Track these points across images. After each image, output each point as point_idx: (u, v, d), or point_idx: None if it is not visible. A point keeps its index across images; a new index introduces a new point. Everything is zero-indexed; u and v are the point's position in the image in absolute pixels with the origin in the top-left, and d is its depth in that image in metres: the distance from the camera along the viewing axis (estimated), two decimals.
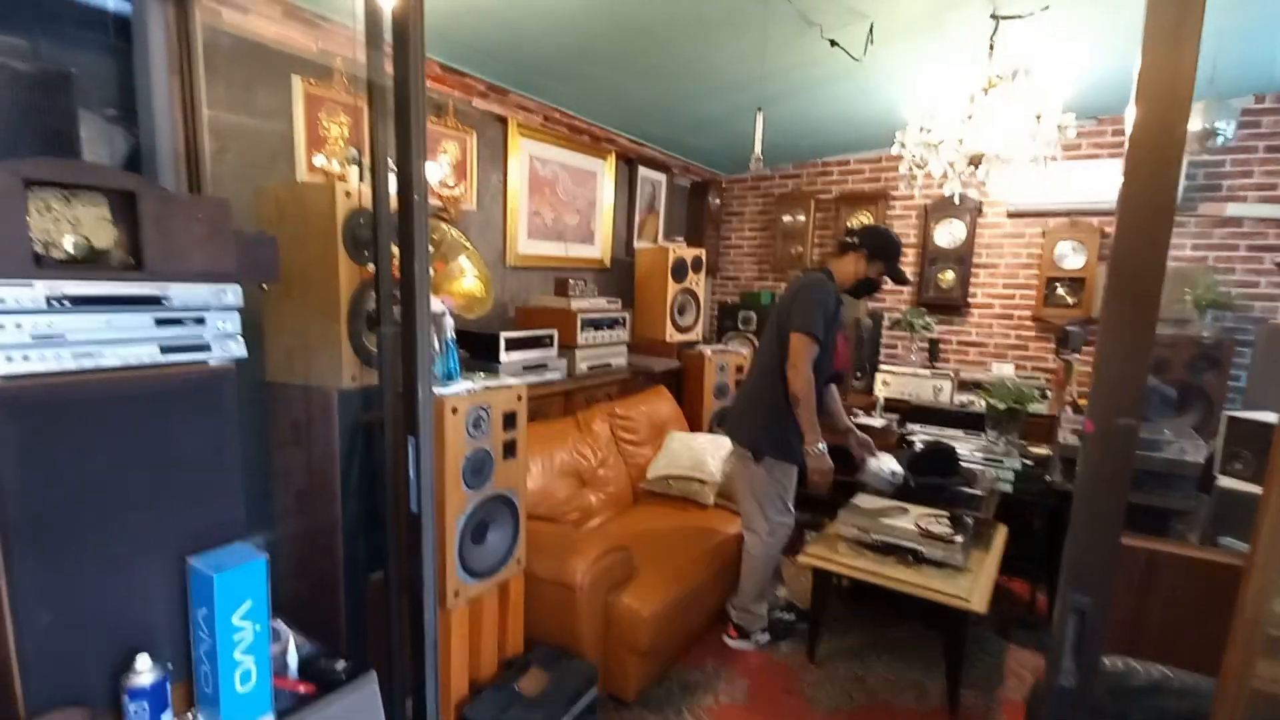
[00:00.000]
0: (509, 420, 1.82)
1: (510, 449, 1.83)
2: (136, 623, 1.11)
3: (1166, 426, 2.78)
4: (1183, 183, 3.50)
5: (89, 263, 1.12)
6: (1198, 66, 0.72)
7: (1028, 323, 4.14)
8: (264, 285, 1.38)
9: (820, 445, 2.30)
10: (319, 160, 2.36)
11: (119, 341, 1.11)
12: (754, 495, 2.40)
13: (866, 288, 2.50)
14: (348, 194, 1.71)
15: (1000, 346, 4.25)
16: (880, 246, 2.44)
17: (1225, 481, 2.68)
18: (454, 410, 1.64)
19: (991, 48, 2.41)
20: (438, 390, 1.66)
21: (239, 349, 1.27)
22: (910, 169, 2.63)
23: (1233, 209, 3.50)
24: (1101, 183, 3.70)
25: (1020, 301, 4.15)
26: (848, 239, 2.50)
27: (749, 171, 4.83)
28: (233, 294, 1.26)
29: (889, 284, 4.43)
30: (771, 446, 2.34)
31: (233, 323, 1.27)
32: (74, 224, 1.13)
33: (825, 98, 3.38)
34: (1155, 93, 0.71)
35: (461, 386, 1.71)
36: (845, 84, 3.13)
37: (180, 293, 1.18)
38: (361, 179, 1.71)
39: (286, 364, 1.91)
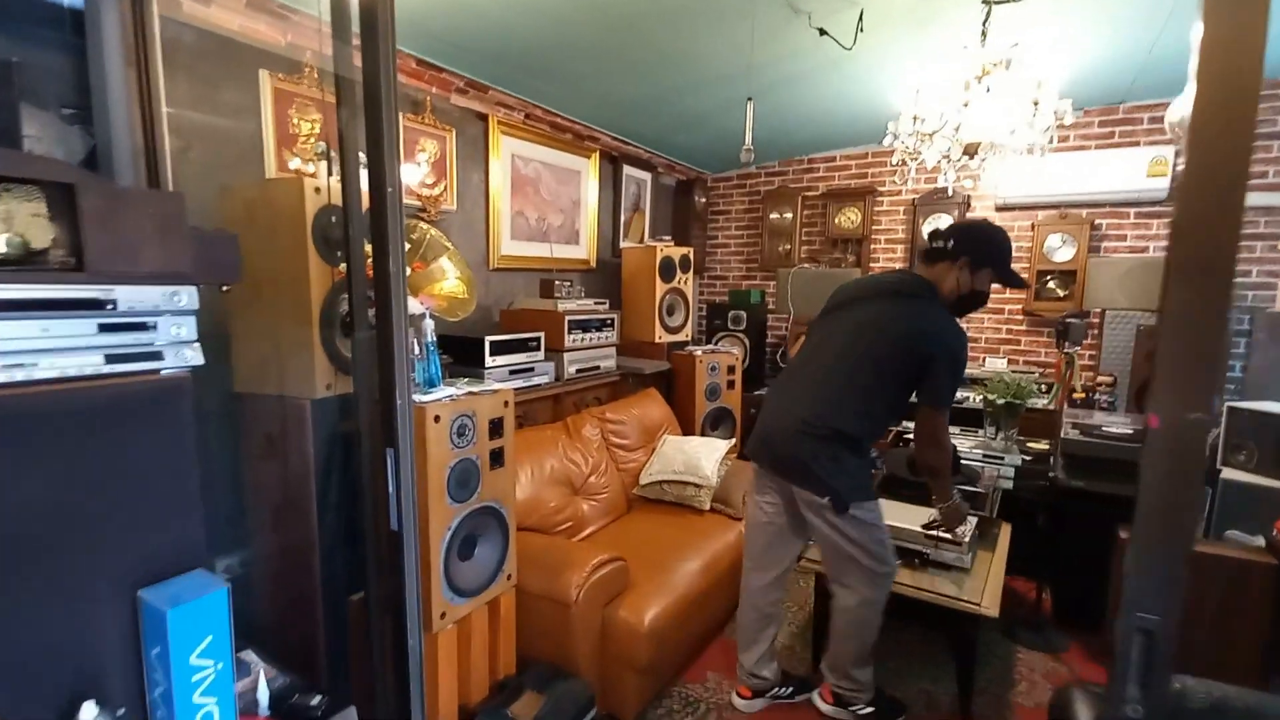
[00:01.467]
0: (496, 427, 1.72)
1: (497, 458, 1.73)
2: (82, 665, 0.99)
3: None
4: (1171, 174, 3.49)
5: (23, 263, 1.01)
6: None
7: (1018, 317, 4.11)
8: (224, 287, 1.26)
9: (956, 496, 2.12)
10: (295, 164, 2.26)
11: (58, 350, 1.00)
12: (846, 549, 1.89)
13: (973, 303, 1.95)
14: (317, 190, 1.61)
15: (991, 341, 4.21)
16: (987, 251, 1.89)
17: (1229, 473, 2.64)
18: (436, 419, 1.54)
19: (984, 34, 2.36)
20: (418, 397, 1.55)
21: (195, 357, 1.16)
22: (903, 160, 2.56)
23: None
24: (1089, 174, 3.68)
25: (1011, 296, 4.10)
26: (939, 245, 1.92)
27: (740, 164, 4.71)
28: (188, 296, 1.14)
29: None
30: (855, 490, 1.86)
31: (188, 328, 1.15)
32: (6, 221, 1.02)
33: (812, 91, 3.32)
34: (1221, 58, 0.63)
35: (444, 393, 1.61)
36: (833, 76, 3.07)
37: (127, 295, 1.07)
38: (330, 173, 1.60)
39: (257, 373, 1.79)
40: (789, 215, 4.74)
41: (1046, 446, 3.10)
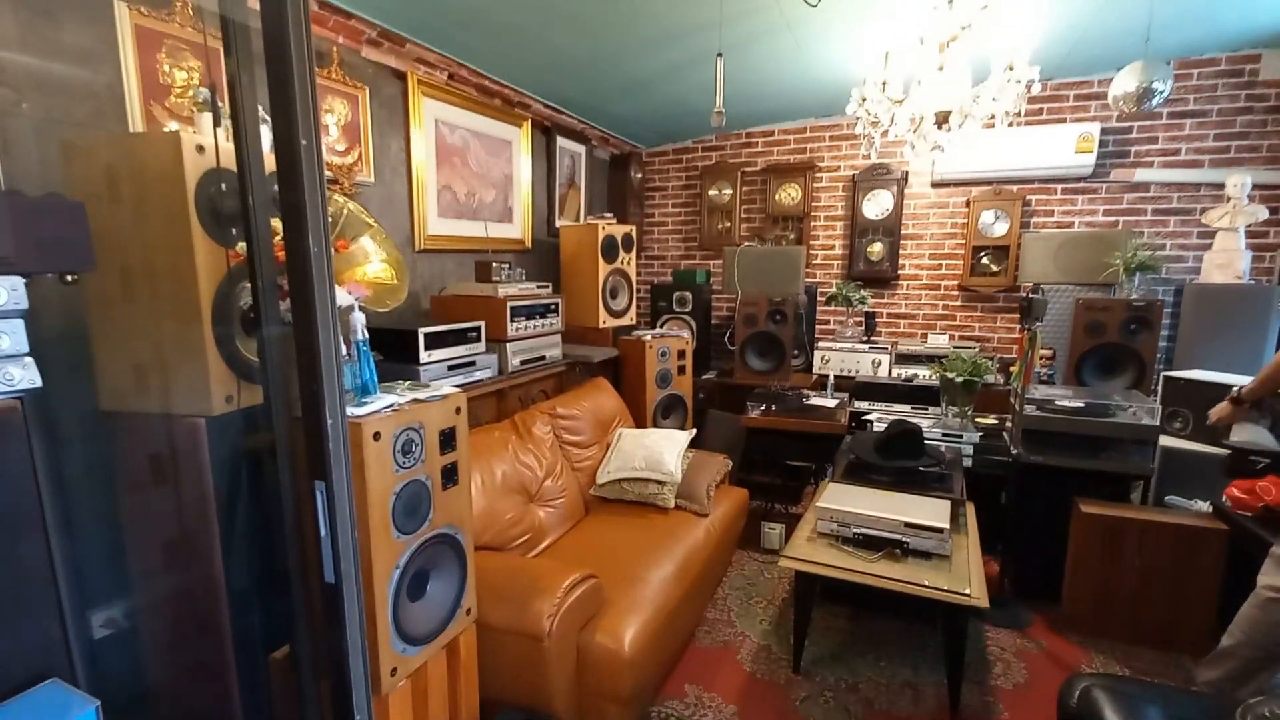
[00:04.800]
0: (447, 439, 1.44)
1: (450, 475, 1.45)
2: None
3: (1115, 393, 2.80)
4: (1096, 150, 3.58)
5: None
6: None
7: (954, 292, 4.16)
8: (70, 277, 0.92)
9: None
10: (173, 128, 1.84)
11: None
12: None
13: None
14: (200, 148, 1.25)
15: (929, 317, 4.25)
16: None
17: (1166, 441, 2.74)
18: (376, 435, 1.24)
19: None
20: (352, 410, 1.25)
21: (28, 377, 0.82)
22: (866, 129, 2.43)
23: (1141, 174, 3.63)
24: (1021, 151, 3.72)
25: (947, 272, 4.16)
26: None
27: (711, 127, 4.35)
28: (9, 291, 0.80)
29: (818, 256, 4.42)
30: None
31: (15, 337, 0.82)
32: None
33: (759, 57, 3.13)
34: None
35: (384, 402, 1.31)
36: (784, 40, 2.89)
37: None
38: (218, 124, 1.25)
39: (131, 387, 1.42)
40: (728, 192, 4.58)
41: (995, 421, 3.13)
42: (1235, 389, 2.08)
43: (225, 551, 1.44)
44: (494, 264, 2.73)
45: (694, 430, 2.94)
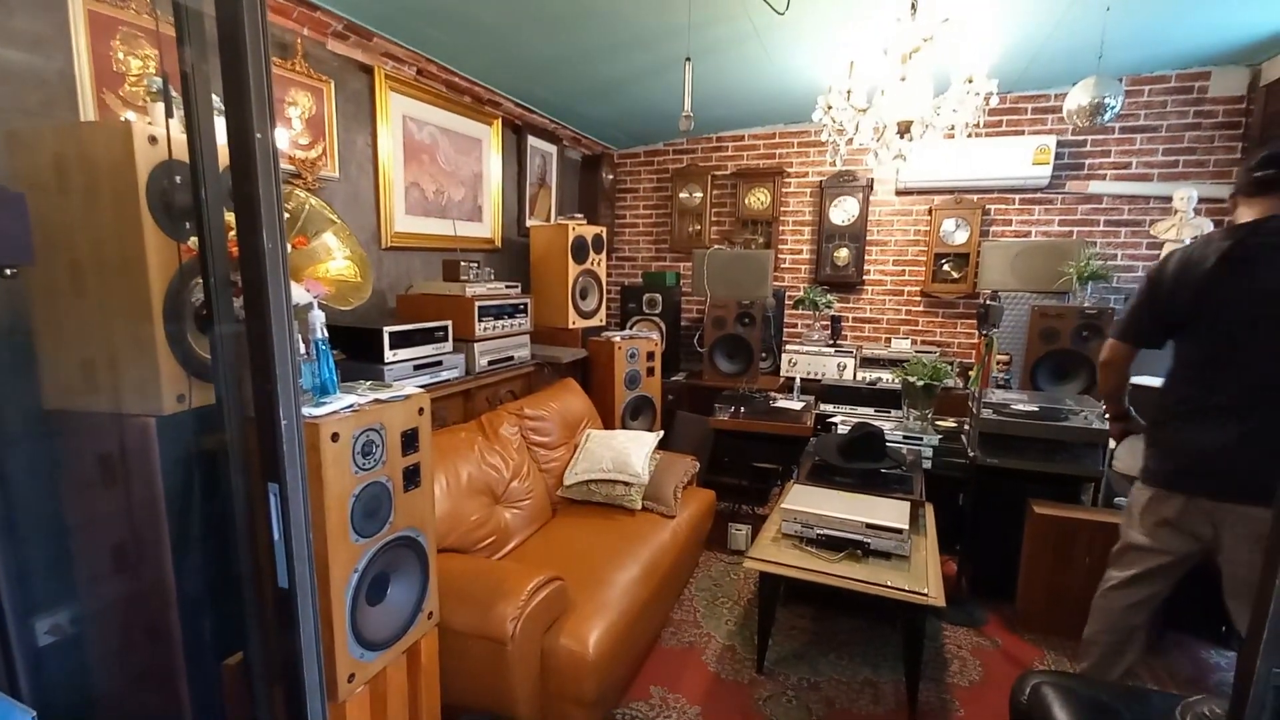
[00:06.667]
0: (409, 440, 1.42)
1: (412, 477, 1.43)
2: None
3: (1068, 398, 2.89)
4: (1052, 162, 3.71)
5: None
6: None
7: (916, 298, 4.25)
8: (8, 271, 0.88)
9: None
10: (130, 117, 1.77)
11: None
12: None
13: None
14: (153, 139, 1.21)
15: (893, 322, 4.34)
16: None
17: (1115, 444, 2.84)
18: (334, 437, 1.22)
19: (914, 8, 2.29)
20: (309, 411, 1.23)
21: None
22: (831, 136, 2.47)
23: (1094, 186, 3.77)
24: (981, 161, 3.83)
25: (910, 278, 4.25)
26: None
27: (680, 131, 4.41)
28: None
29: (786, 260, 4.48)
30: None
31: None
32: None
33: (727, 66, 3.17)
34: None
35: (343, 403, 1.28)
36: (753, 47, 2.93)
37: None
38: (170, 114, 1.21)
39: (77, 384, 1.36)
40: (699, 195, 4.62)
41: (954, 424, 3.21)
42: (1101, 413, 2.12)
43: (176, 555, 1.39)
44: (462, 263, 2.70)
45: (662, 432, 2.96)
